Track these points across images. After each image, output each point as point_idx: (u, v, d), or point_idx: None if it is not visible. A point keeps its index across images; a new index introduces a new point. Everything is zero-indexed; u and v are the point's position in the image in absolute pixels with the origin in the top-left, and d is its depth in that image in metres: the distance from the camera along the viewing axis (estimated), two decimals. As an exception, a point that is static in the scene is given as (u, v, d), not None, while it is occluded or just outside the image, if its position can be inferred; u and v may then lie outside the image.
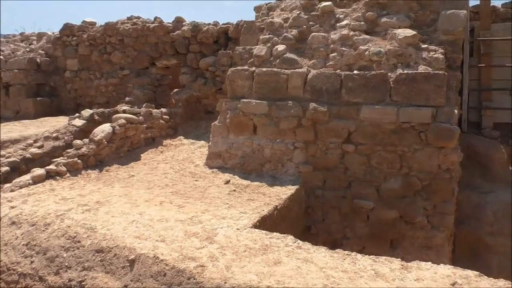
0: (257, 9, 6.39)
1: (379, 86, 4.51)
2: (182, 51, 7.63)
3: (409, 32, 4.67)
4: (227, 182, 4.71)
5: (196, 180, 4.82)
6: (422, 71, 4.38)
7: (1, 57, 9.61)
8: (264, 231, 3.32)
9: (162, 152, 6.01)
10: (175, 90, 7.70)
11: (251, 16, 7.00)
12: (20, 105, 9.10)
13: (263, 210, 3.84)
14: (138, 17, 8.58)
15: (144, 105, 6.57)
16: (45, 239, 3.38)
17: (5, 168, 5.09)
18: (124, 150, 5.79)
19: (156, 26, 7.84)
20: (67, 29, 9.18)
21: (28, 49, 9.98)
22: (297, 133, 4.86)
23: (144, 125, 6.15)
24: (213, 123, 5.43)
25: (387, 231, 4.61)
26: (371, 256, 2.93)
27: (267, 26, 5.59)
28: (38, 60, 9.26)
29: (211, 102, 7.21)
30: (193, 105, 7.37)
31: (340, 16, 5.31)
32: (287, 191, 4.45)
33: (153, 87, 8.06)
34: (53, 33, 10.11)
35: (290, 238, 3.18)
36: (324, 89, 4.76)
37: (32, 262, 3.28)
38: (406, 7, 5.05)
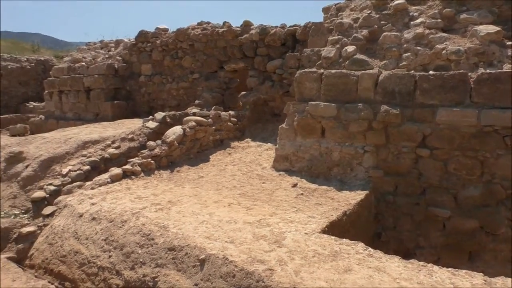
0: (325, 10, 6.30)
1: (458, 87, 4.23)
2: (250, 55, 7.72)
3: (492, 28, 4.34)
4: (295, 185, 4.67)
5: (263, 183, 4.84)
6: (508, 70, 4.04)
7: (84, 63, 10.37)
8: (333, 237, 3.24)
9: (230, 154, 6.12)
10: (242, 93, 7.81)
11: (318, 17, 6.91)
12: (99, 108, 9.74)
13: (332, 215, 3.76)
14: (208, 22, 8.82)
15: (213, 108, 6.73)
16: (122, 235, 3.57)
17: (86, 167, 5.46)
18: (194, 151, 5.97)
19: (225, 31, 8.01)
20: (142, 36, 9.67)
21: (107, 56, 10.66)
22: (367, 137, 4.70)
23: (213, 127, 6.31)
24: (280, 126, 5.43)
25: (465, 242, 4.31)
26: (449, 269, 2.75)
27: (336, 27, 5.48)
28: (115, 65, 9.86)
29: (278, 105, 7.22)
30: (260, 108, 7.43)
31: (414, 14, 5.07)
32: (357, 196, 4.32)
33: (222, 90, 8.24)
34: (129, 40, 10.71)
35: (360, 245, 3.08)
36: (396, 90, 4.57)
37: (110, 256, 3.47)
38: (488, 2, 4.70)
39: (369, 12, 5.37)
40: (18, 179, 5.62)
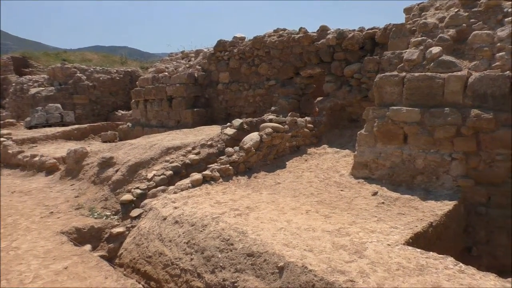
0: (407, 10, 6.03)
1: None
2: (327, 60, 7.62)
3: None
4: (375, 193, 4.50)
5: (341, 190, 4.73)
6: None
7: (166, 73, 10.95)
8: (418, 250, 3.06)
9: (306, 160, 6.07)
10: (318, 98, 7.73)
11: (398, 19, 6.63)
12: (180, 115, 10.21)
13: (416, 226, 3.56)
14: (284, 29, 8.88)
15: (289, 114, 6.74)
16: (202, 239, 3.68)
17: (169, 172, 5.73)
18: (271, 157, 6.01)
19: (301, 37, 7.99)
20: (220, 45, 9.99)
21: (187, 65, 11.16)
22: (455, 143, 4.40)
23: (289, 134, 6.30)
24: (359, 132, 5.27)
25: None
26: (557, 291, 2.46)
27: (419, 27, 5.22)
28: (195, 74, 10.28)
29: (356, 110, 7.04)
30: (337, 113, 7.29)
31: (509, 9, 4.66)
32: (443, 206, 4.04)
33: (297, 96, 8.22)
34: (208, 50, 11.13)
35: (450, 260, 2.87)
36: (489, 93, 4.22)
37: (191, 259, 3.59)
38: None
39: (456, 10, 5.04)
40: (109, 182, 6.05)
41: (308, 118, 6.89)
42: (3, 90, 22.13)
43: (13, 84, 19.41)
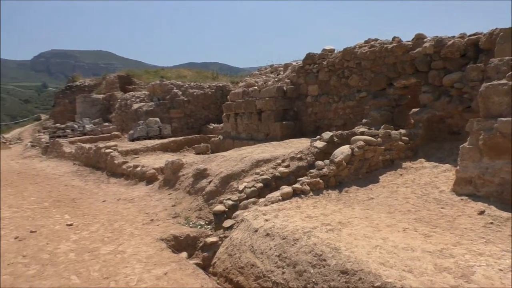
0: (517, 12, 5.52)
1: None
2: (423, 69, 7.24)
3: None
4: (481, 212, 4.12)
5: (442, 208, 4.41)
6: None
7: (256, 87, 11.24)
8: (537, 278, 2.73)
9: (401, 175, 5.77)
10: (414, 110, 7.34)
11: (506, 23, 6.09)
12: (269, 128, 10.38)
13: (533, 251, 3.18)
14: (376, 39, 8.63)
15: (382, 127, 6.49)
16: (294, 253, 3.66)
17: (259, 184, 5.83)
18: (362, 171, 5.82)
19: (394, 46, 7.70)
20: (309, 58, 10.02)
21: (276, 79, 11.36)
22: None
23: (382, 147, 6.06)
24: (461, 145, 4.89)
25: None
26: None
27: (533, 30, 4.74)
28: (284, 88, 10.41)
29: (457, 122, 6.56)
30: (435, 125, 6.86)
31: None
32: None
33: (390, 108, 7.91)
34: (296, 63, 11.22)
35: None
36: None
37: (283, 273, 3.58)
38: None
39: None
40: (203, 193, 6.32)
41: (402, 131, 6.57)
42: (110, 106, 24.50)
43: (119, 100, 21.37)
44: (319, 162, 5.75)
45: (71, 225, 5.75)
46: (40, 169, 12.85)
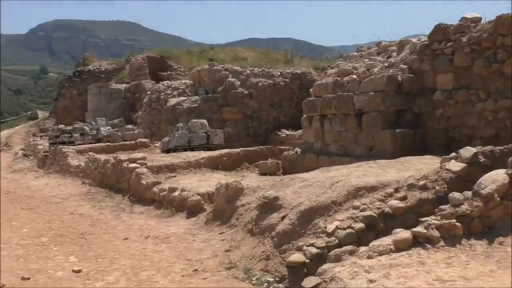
0: None
1: None
2: None
3: None
4: None
5: None
6: None
7: (354, 76, 11.13)
8: None
9: None
10: None
11: None
12: (373, 139, 10.24)
13: None
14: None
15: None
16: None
17: (359, 225, 5.75)
18: (527, 212, 5.57)
19: None
20: (439, 31, 9.80)
21: (386, 64, 11.22)
22: None
23: (561, 174, 5.76)
24: None
25: None
26: None
27: None
28: (399, 77, 10.24)
29: None
30: None
31: None
32: None
33: None
34: (418, 39, 11.01)
35: None
36: None
37: None
38: None
39: None
40: (272, 233, 6.35)
41: None
42: (135, 100, 25.16)
43: (148, 92, 22.04)
44: (455, 195, 5.58)
45: (79, 271, 5.98)
46: (36, 188, 13.54)
